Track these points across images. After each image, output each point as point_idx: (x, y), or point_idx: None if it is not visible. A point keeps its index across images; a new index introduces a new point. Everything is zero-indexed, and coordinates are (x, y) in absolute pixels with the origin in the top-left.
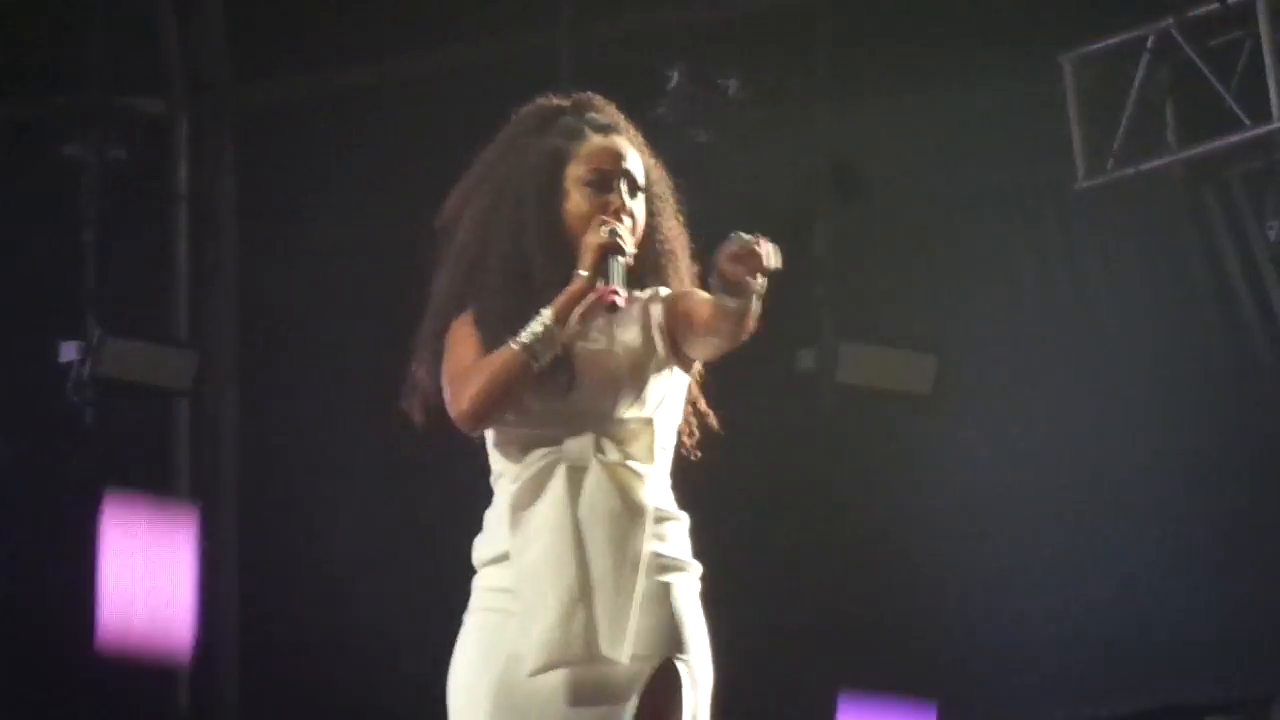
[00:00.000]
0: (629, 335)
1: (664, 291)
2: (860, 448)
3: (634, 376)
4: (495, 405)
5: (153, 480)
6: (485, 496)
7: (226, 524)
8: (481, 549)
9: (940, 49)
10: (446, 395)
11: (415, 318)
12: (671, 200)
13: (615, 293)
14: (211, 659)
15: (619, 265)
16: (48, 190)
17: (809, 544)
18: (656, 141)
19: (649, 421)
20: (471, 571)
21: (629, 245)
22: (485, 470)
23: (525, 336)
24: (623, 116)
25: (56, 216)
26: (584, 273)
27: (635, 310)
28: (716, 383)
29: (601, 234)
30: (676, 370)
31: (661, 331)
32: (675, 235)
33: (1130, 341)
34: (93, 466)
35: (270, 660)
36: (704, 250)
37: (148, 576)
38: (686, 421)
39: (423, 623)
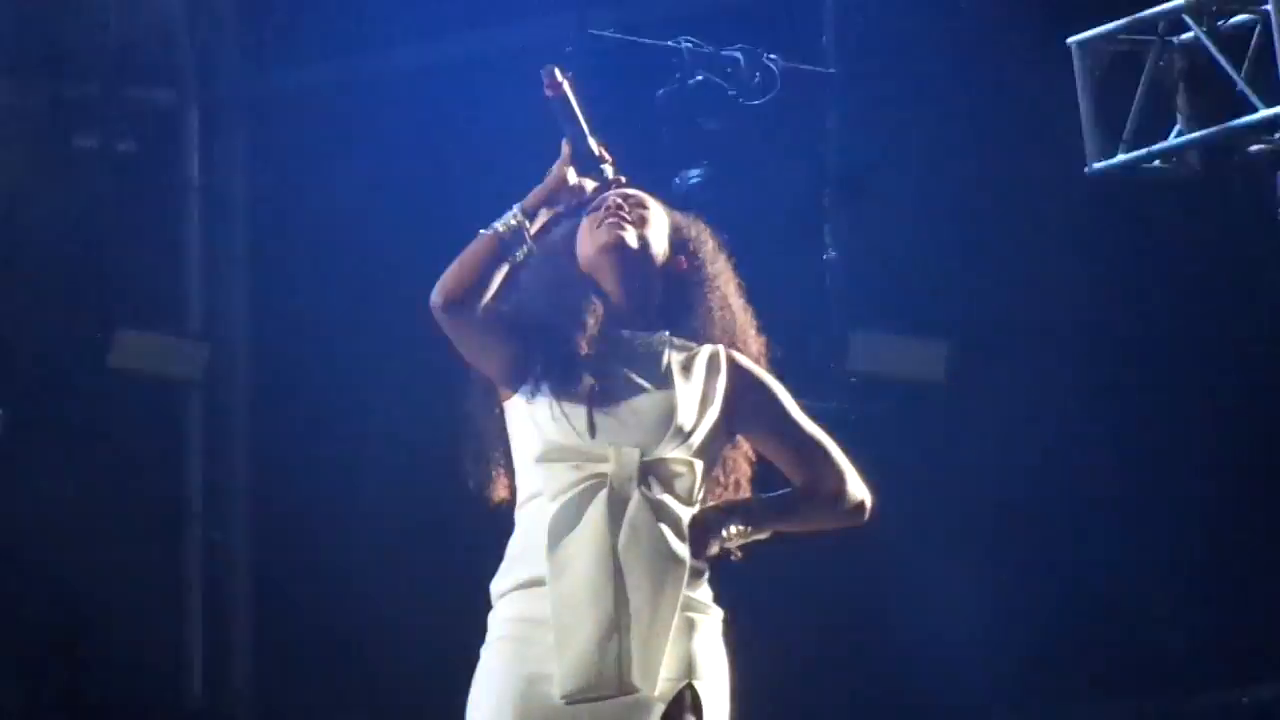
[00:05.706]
0: (688, 380)
1: (739, 359)
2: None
3: (686, 419)
4: (466, 288)
5: (165, 472)
6: None
7: (239, 515)
8: (502, 580)
9: (949, 34)
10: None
11: (426, 307)
12: (729, 271)
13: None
14: (225, 649)
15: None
16: (59, 181)
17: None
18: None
19: (692, 465)
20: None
21: (609, 157)
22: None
23: (497, 224)
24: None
25: (68, 208)
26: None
27: (699, 359)
28: None
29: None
30: (724, 428)
31: (724, 395)
32: (737, 302)
33: (1145, 326)
34: (105, 457)
35: (283, 651)
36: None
37: None
38: (723, 472)
39: (437, 617)
